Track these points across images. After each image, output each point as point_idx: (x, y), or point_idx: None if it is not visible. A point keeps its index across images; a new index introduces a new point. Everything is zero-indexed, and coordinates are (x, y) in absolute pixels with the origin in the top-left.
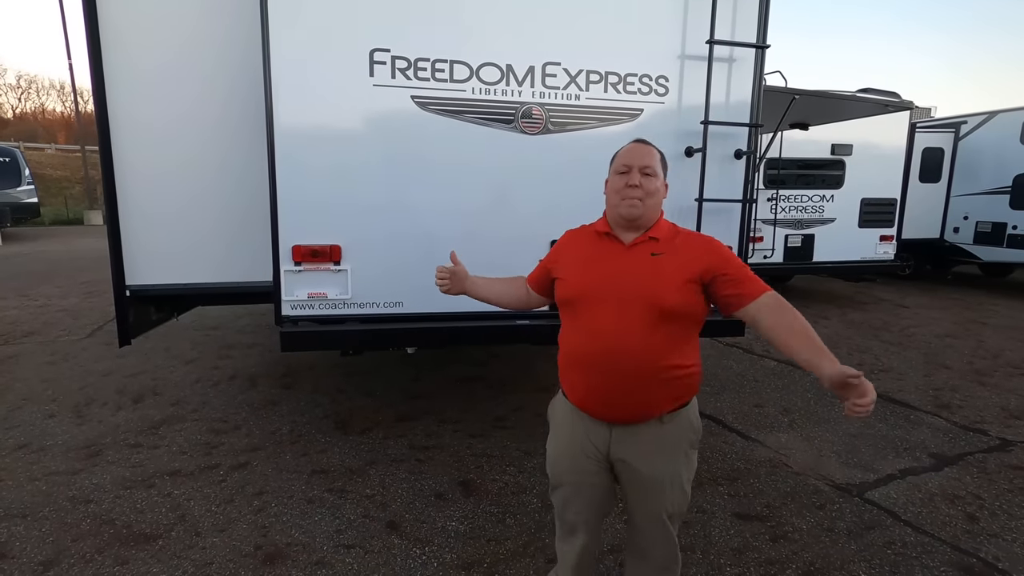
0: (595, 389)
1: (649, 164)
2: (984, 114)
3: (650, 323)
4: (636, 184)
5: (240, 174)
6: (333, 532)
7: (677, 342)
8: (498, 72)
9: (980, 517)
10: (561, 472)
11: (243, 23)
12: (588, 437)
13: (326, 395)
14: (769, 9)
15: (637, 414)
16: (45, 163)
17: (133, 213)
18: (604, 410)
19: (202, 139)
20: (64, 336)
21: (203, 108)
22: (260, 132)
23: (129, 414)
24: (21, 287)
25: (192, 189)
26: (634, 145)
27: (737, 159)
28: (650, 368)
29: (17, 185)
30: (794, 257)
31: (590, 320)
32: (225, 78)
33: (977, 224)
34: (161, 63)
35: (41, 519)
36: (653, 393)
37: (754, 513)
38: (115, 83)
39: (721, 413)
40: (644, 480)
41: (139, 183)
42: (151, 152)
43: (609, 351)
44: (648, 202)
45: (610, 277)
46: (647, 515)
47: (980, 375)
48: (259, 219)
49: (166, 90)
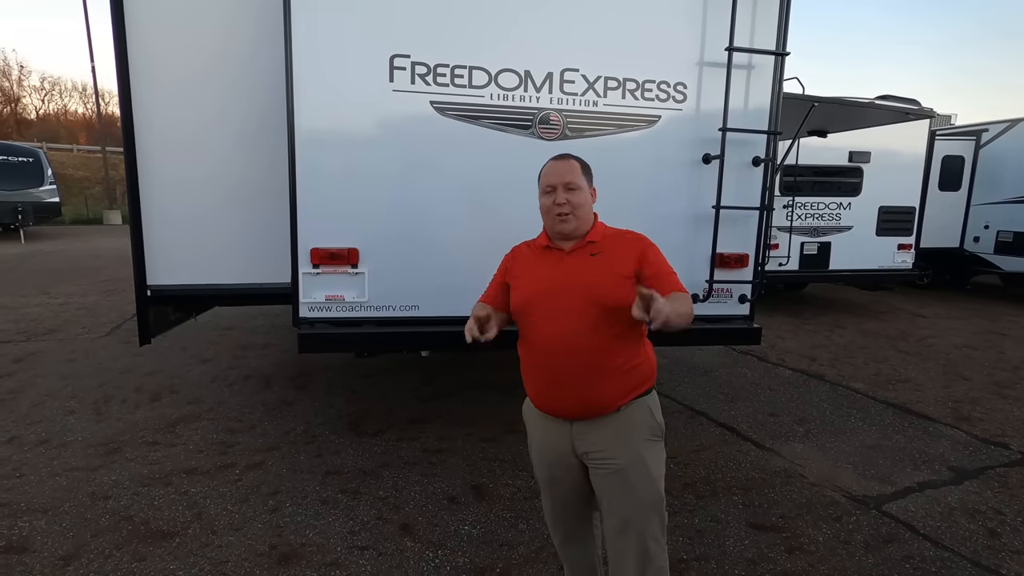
0: (549, 387)
1: (571, 180)
2: (1006, 122)
3: (594, 320)
4: (563, 203)
5: (261, 178)
6: (347, 533)
7: (622, 337)
8: (516, 78)
9: (1002, 533)
10: (538, 474)
11: (266, 31)
12: (553, 436)
13: (340, 396)
14: (789, 16)
15: (591, 409)
16: (67, 163)
17: (155, 215)
18: (560, 407)
19: (225, 144)
20: (84, 334)
21: (226, 114)
22: (282, 137)
23: (147, 412)
24: (42, 285)
25: (214, 192)
26: (553, 163)
27: (755, 166)
28: (597, 364)
29: (40, 185)
30: (810, 265)
31: (539, 323)
32: (248, 84)
33: (998, 234)
34: (186, 69)
35: (62, 514)
36: (603, 388)
37: (769, 524)
38: (141, 88)
39: (735, 421)
40: (608, 472)
41: (162, 186)
42: (175, 156)
43: (558, 351)
44: (578, 214)
45: (554, 282)
46: (615, 511)
47: (1001, 387)
48: (278, 222)
49: (191, 96)
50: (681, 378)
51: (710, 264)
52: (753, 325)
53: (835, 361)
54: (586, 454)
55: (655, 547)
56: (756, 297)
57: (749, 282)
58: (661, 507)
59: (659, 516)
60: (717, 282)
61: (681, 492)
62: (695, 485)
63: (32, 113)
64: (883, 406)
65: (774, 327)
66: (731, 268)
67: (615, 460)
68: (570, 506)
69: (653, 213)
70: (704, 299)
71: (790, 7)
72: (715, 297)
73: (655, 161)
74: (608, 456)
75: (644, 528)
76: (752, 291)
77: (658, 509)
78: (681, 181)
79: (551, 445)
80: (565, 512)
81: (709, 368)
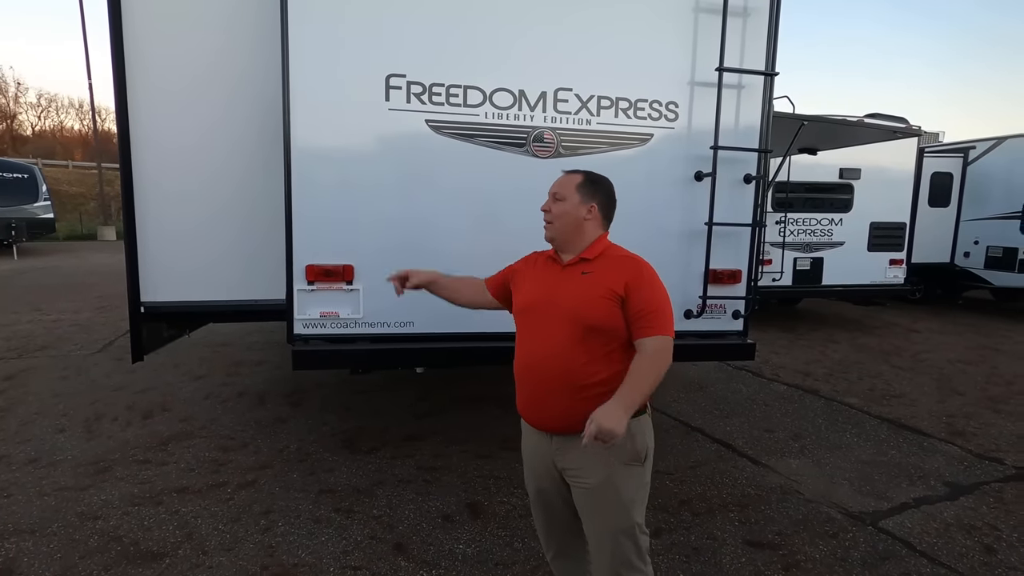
0: (529, 399)
1: (557, 191)
2: (992, 139)
3: (574, 337)
4: (546, 209)
5: (256, 195)
6: (340, 553)
7: (602, 357)
8: (511, 97)
9: (998, 549)
10: (527, 483)
11: (264, 47)
12: (535, 447)
13: (334, 413)
14: (778, 38)
15: (569, 426)
16: (62, 179)
17: (150, 230)
18: (539, 420)
19: (220, 160)
20: (76, 351)
21: (222, 130)
22: (277, 155)
23: (138, 430)
24: (35, 301)
25: (209, 208)
26: (558, 177)
27: (747, 183)
28: (573, 380)
29: (34, 201)
30: (803, 280)
31: (525, 334)
32: (245, 101)
33: (988, 249)
34: (183, 85)
35: (49, 535)
36: (579, 405)
37: (765, 541)
38: (138, 103)
39: (730, 437)
40: (582, 491)
41: (157, 201)
42: (170, 171)
43: (537, 366)
44: (557, 223)
45: (544, 294)
46: (589, 531)
47: (994, 402)
48: (273, 239)
49: (187, 111)
50: (676, 394)
51: (703, 280)
52: (747, 341)
53: (830, 376)
54: (565, 470)
55: (628, 573)
56: (750, 313)
57: (742, 298)
58: (633, 533)
59: (631, 541)
60: (710, 298)
61: (677, 509)
62: (691, 502)
63: (28, 130)
64: (878, 421)
65: (768, 342)
66: (724, 284)
67: (587, 480)
68: (558, 519)
69: (646, 230)
70: (698, 315)
71: (778, 29)
72: (709, 313)
73: (648, 178)
74: (581, 476)
75: (615, 552)
76: (745, 307)
77: (630, 535)
78: (674, 198)
79: (537, 456)
80: (554, 525)
81: (704, 383)
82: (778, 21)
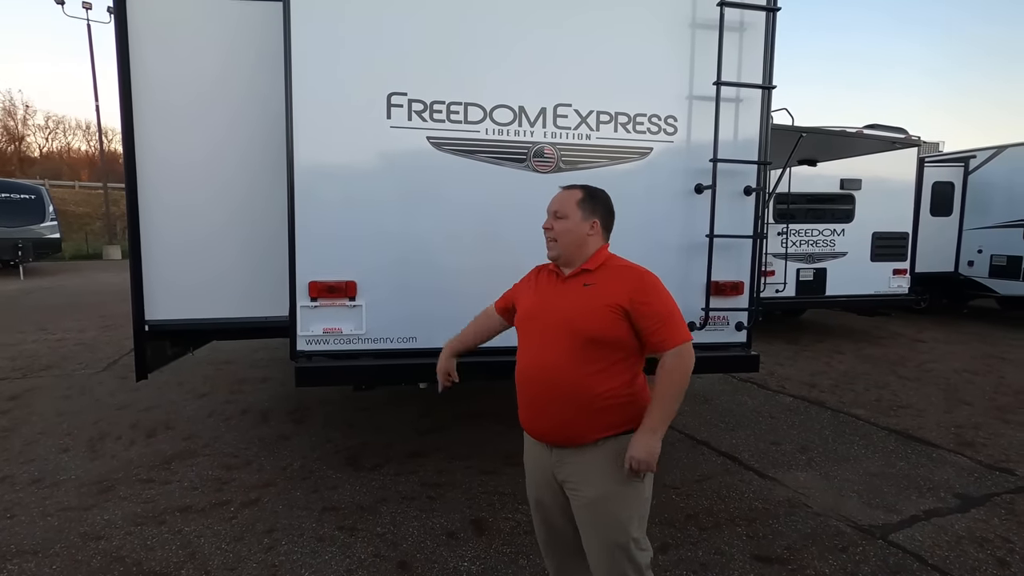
0: (528, 409)
1: (558, 208)
2: (992, 148)
3: (574, 349)
4: (548, 228)
5: (260, 213)
6: (343, 572)
7: (604, 370)
8: (511, 113)
9: (1011, 562)
10: (528, 494)
11: (267, 66)
12: (536, 458)
13: (337, 430)
14: (774, 51)
15: (567, 437)
16: (68, 199)
17: (155, 249)
18: (538, 431)
19: (224, 179)
20: (81, 370)
21: (227, 149)
22: (280, 173)
23: (142, 449)
24: (41, 321)
25: (213, 227)
26: (558, 192)
27: (747, 195)
28: (572, 392)
29: (41, 221)
30: (806, 291)
31: (526, 344)
32: (248, 120)
33: (992, 257)
34: (188, 105)
35: (52, 556)
36: (579, 418)
37: (774, 555)
38: (143, 123)
39: (737, 450)
40: (580, 504)
41: (163, 220)
42: (175, 191)
43: (535, 374)
44: (561, 241)
45: (544, 306)
46: (587, 545)
47: (1003, 412)
48: (276, 256)
49: (192, 131)
50: (681, 407)
51: (705, 292)
52: (751, 352)
53: (836, 387)
54: (564, 482)
55: None
56: (753, 324)
57: (745, 309)
58: (629, 548)
59: (627, 557)
60: (713, 310)
61: (684, 524)
62: (698, 516)
63: (36, 151)
64: (885, 432)
65: (773, 354)
66: (726, 296)
67: (584, 493)
68: (558, 531)
69: (647, 243)
70: (700, 327)
71: (775, 43)
72: (712, 325)
73: (648, 192)
74: (579, 488)
75: (611, 568)
76: (748, 318)
77: (626, 550)
78: (674, 211)
79: (538, 466)
80: (555, 538)
81: (709, 396)
82: (774, 35)
